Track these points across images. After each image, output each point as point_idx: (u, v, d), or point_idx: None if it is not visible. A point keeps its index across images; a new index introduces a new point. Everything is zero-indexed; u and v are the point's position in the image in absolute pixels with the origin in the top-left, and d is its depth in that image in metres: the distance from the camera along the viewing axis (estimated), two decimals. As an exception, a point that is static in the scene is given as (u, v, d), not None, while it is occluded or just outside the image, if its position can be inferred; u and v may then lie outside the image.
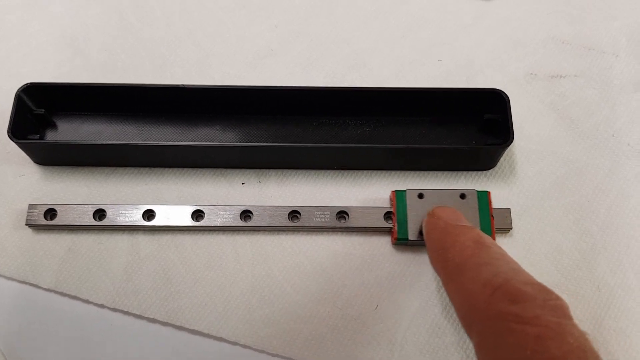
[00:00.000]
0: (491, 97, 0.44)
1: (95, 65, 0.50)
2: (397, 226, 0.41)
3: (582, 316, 0.41)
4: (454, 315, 0.41)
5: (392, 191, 0.42)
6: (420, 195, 0.42)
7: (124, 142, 0.46)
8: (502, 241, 0.43)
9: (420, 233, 0.41)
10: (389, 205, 0.44)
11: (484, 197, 0.42)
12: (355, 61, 0.51)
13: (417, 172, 0.46)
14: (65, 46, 0.51)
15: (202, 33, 0.52)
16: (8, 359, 0.40)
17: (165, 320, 0.41)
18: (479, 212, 0.41)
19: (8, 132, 0.42)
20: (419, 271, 0.42)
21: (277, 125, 0.47)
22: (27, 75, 0.47)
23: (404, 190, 0.42)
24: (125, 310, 0.41)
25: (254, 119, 0.47)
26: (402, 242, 0.42)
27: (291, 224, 0.43)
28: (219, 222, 0.43)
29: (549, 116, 0.48)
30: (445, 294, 0.41)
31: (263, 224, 0.43)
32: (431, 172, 0.46)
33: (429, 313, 0.41)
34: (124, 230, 0.43)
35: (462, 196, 0.41)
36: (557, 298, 0.29)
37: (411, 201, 0.42)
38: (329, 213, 0.43)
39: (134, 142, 0.46)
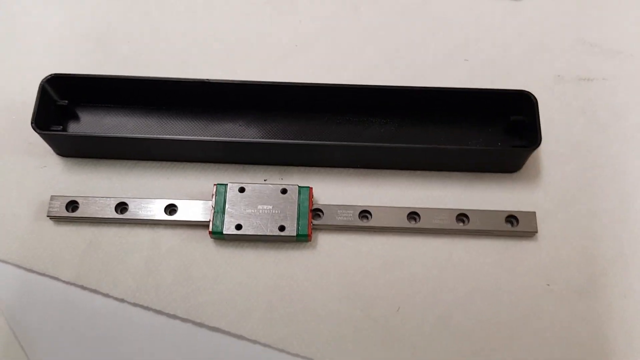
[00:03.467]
0: (518, 99, 0.44)
1: (118, 58, 0.50)
2: (213, 219, 0.41)
3: (609, 324, 0.40)
4: (481, 322, 0.40)
5: (214, 184, 0.42)
6: (242, 190, 0.42)
7: (147, 135, 0.45)
8: (526, 245, 0.42)
9: (237, 227, 0.41)
10: (411, 206, 0.43)
11: (304, 193, 0.42)
12: (380, 59, 0.50)
13: (440, 173, 0.45)
14: (88, 39, 0.51)
15: (226, 27, 0.51)
16: (26, 351, 0.40)
17: (185, 317, 0.40)
18: (298, 207, 0.41)
19: (32, 123, 0.42)
20: (441, 275, 0.42)
21: (300, 122, 0.46)
22: (49, 68, 0.47)
23: (226, 184, 0.42)
24: (146, 305, 0.41)
25: (277, 115, 0.46)
26: (217, 236, 0.41)
27: (314, 221, 0.42)
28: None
29: (576, 119, 0.47)
30: (470, 300, 0.41)
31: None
32: (454, 173, 0.45)
33: (453, 319, 0.40)
34: (146, 224, 0.43)
35: (284, 191, 0.42)
36: None
37: (231, 195, 0.41)
38: (352, 212, 0.42)
39: (158, 136, 0.45)
